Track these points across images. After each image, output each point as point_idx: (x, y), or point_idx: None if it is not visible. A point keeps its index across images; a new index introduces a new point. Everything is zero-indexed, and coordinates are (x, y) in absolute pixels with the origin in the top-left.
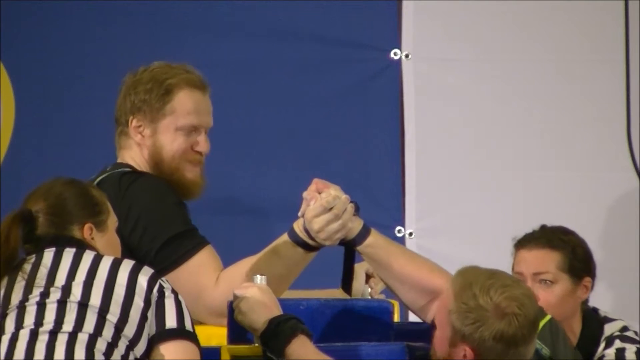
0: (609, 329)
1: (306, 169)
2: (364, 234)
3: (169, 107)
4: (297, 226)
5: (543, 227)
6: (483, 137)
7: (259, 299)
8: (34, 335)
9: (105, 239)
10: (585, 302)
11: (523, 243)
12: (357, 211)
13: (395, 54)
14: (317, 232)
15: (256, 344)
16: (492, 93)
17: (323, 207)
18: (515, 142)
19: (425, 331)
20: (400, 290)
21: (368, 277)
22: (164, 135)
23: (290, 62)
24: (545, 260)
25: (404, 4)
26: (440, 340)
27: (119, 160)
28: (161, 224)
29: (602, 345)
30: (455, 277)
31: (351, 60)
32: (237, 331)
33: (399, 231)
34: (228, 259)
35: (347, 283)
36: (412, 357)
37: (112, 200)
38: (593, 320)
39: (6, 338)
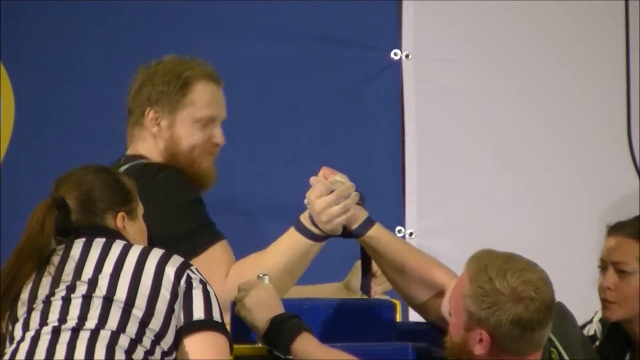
0: None
1: (306, 169)
2: (367, 225)
3: (188, 98)
4: (303, 216)
5: (635, 219)
6: (483, 137)
7: (264, 297)
8: (56, 333)
9: (136, 227)
10: None
11: (612, 230)
12: (362, 202)
13: (395, 54)
14: (319, 214)
15: (259, 344)
16: (492, 93)
17: (326, 187)
18: (515, 142)
19: (426, 331)
20: (401, 284)
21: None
22: (182, 127)
23: (290, 62)
24: (626, 249)
25: (405, 4)
26: (456, 326)
27: (130, 152)
28: (179, 218)
29: None
30: (470, 261)
31: (351, 60)
32: (240, 330)
33: (400, 231)
34: None
35: (365, 284)
36: (422, 358)
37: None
38: None
39: (29, 335)
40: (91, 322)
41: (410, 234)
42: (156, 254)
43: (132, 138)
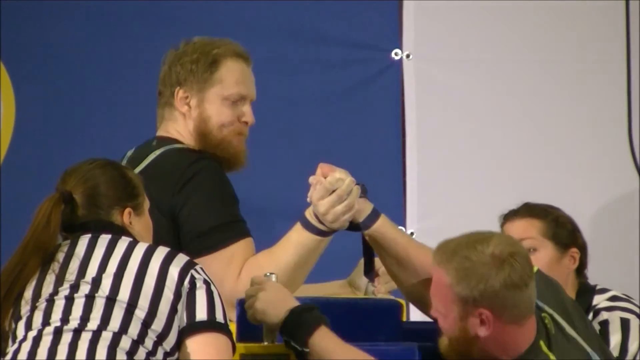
0: (597, 300)
1: (306, 169)
2: (373, 217)
3: (217, 76)
4: (308, 212)
5: (526, 203)
6: (484, 137)
7: (272, 297)
8: (58, 334)
9: (142, 222)
10: (582, 277)
11: (506, 217)
12: (365, 194)
13: (396, 54)
14: (324, 215)
15: (265, 343)
16: (493, 93)
17: (326, 189)
18: (515, 142)
19: (432, 331)
20: (403, 278)
21: (375, 275)
22: (211, 106)
23: (290, 62)
24: (528, 228)
25: (405, 4)
26: (449, 322)
27: (161, 133)
28: (212, 209)
29: (590, 316)
30: (434, 255)
31: (352, 60)
32: (246, 329)
33: None
34: None
35: (369, 270)
36: (428, 358)
37: (171, 172)
38: (585, 292)
39: (31, 335)
40: (93, 323)
41: (411, 234)
42: (161, 253)
43: (162, 119)
